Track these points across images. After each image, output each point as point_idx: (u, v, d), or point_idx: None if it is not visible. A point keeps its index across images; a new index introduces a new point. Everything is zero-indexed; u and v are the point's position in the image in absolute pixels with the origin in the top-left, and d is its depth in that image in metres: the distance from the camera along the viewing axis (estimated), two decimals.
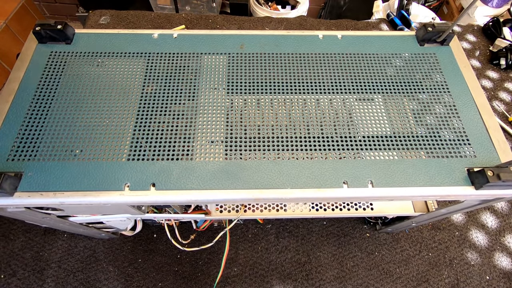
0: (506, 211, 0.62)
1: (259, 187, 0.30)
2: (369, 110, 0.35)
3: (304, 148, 0.32)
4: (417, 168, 0.31)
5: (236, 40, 0.40)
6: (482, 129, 0.34)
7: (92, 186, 0.28)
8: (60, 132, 0.32)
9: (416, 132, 0.34)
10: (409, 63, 0.39)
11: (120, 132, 0.32)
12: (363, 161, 0.32)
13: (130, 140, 0.32)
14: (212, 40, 0.40)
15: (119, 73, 0.37)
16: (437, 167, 0.31)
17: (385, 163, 0.31)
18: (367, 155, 0.32)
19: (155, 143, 0.32)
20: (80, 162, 0.30)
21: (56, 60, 0.37)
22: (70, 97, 0.35)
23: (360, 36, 0.41)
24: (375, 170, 0.31)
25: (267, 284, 0.53)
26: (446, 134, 0.34)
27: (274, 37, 0.40)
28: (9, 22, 1.25)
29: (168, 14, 0.89)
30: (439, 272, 0.55)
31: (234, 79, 0.37)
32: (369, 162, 0.32)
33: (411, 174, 0.31)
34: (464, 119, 0.35)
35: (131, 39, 0.39)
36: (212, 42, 0.40)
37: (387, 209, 0.46)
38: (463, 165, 0.31)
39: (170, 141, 0.32)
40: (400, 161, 0.32)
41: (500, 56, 0.82)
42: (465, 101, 0.36)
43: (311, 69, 0.38)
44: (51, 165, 0.30)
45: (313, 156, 0.32)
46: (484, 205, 0.35)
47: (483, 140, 0.33)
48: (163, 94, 0.35)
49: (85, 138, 0.32)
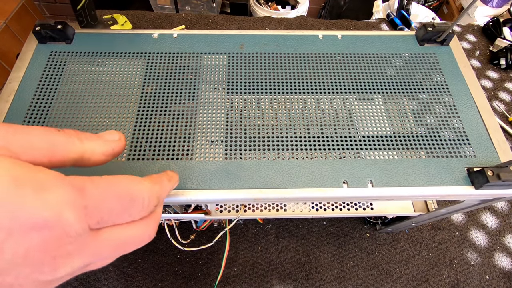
0: (506, 211, 0.62)
1: (259, 186, 0.30)
2: (369, 110, 0.35)
3: (304, 148, 0.32)
4: (417, 167, 0.31)
5: (236, 40, 0.40)
6: (482, 129, 0.34)
7: None
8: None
9: (416, 132, 0.34)
10: (409, 63, 0.39)
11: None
12: (363, 161, 0.32)
13: (129, 140, 0.32)
14: (212, 40, 0.40)
15: (119, 72, 0.37)
16: (437, 167, 0.31)
17: (385, 163, 0.31)
18: (367, 154, 0.32)
19: (155, 143, 0.32)
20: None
21: (56, 60, 0.37)
22: (70, 97, 0.35)
23: (360, 36, 0.41)
24: (375, 170, 0.31)
25: (267, 284, 0.53)
26: (446, 134, 0.34)
27: (274, 37, 0.40)
28: (9, 22, 1.25)
29: (168, 14, 0.89)
30: (439, 272, 0.55)
31: (234, 79, 0.37)
32: (369, 161, 0.32)
33: (411, 174, 0.31)
34: (464, 119, 0.35)
35: (131, 39, 0.39)
36: (212, 42, 0.40)
37: (387, 209, 0.46)
38: (463, 165, 0.31)
39: (170, 140, 0.32)
40: (400, 161, 0.32)
41: (500, 56, 0.82)
42: (465, 101, 0.36)
43: (311, 69, 0.38)
44: None
45: (313, 156, 0.32)
46: (484, 205, 0.35)
47: (483, 140, 0.33)
48: (163, 94, 0.35)
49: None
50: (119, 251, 0.18)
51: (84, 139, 0.19)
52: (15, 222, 0.13)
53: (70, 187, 0.15)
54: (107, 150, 0.20)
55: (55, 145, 0.18)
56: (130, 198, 0.18)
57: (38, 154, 0.17)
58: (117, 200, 0.17)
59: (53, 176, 0.15)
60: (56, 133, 0.18)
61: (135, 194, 0.18)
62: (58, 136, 0.18)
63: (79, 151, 0.19)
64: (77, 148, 0.19)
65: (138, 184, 0.19)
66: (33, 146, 0.17)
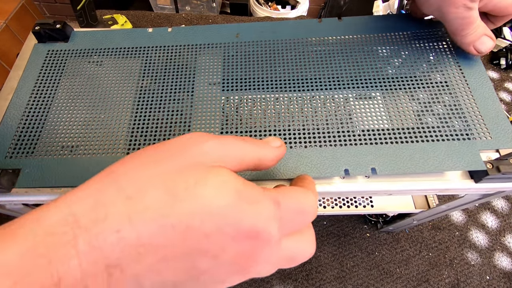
0: (506, 211, 0.62)
1: (258, 178, 0.29)
2: (370, 107, 0.35)
3: (302, 139, 0.31)
4: (426, 152, 0.29)
5: (231, 30, 0.39)
6: (498, 108, 0.31)
7: None
8: (58, 129, 0.32)
9: (426, 113, 0.32)
10: (415, 40, 0.37)
11: (118, 127, 0.32)
12: (366, 147, 0.30)
13: (128, 136, 0.32)
14: (207, 31, 0.39)
15: (115, 69, 0.37)
16: (448, 151, 0.29)
17: (390, 149, 0.29)
18: (369, 142, 0.30)
19: (153, 138, 0.32)
20: (77, 158, 0.30)
21: (54, 58, 0.37)
22: (67, 94, 0.35)
23: (361, 18, 0.40)
24: (378, 156, 0.29)
25: (267, 284, 0.53)
26: (458, 114, 0.31)
27: (271, 24, 0.39)
28: (9, 22, 1.25)
29: (168, 14, 0.89)
30: (439, 272, 0.55)
31: (230, 72, 0.36)
32: (372, 148, 0.30)
33: (417, 159, 0.29)
34: (478, 97, 0.32)
35: (127, 36, 0.39)
36: (208, 35, 0.39)
37: (387, 206, 0.46)
38: (477, 148, 0.29)
39: (170, 134, 0.32)
40: (405, 147, 0.30)
41: (500, 56, 0.82)
42: (479, 78, 0.33)
43: (311, 70, 0.37)
44: (48, 162, 0.30)
45: (312, 145, 0.31)
46: (485, 199, 0.35)
47: (499, 120, 0.30)
48: (160, 88, 0.35)
49: (82, 134, 0.32)
50: (290, 263, 0.20)
51: (260, 146, 0.21)
52: (238, 230, 0.16)
53: (271, 201, 0.17)
54: (276, 156, 0.22)
55: (245, 154, 0.20)
56: (305, 211, 0.20)
57: (235, 163, 0.19)
58: (296, 213, 0.19)
59: (258, 190, 0.18)
60: (244, 141, 0.20)
61: (307, 207, 0.20)
62: (245, 145, 0.20)
63: (258, 157, 0.20)
64: (257, 155, 0.20)
65: (309, 197, 0.20)
66: (232, 155, 0.19)
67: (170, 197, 0.15)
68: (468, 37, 0.32)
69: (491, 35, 0.32)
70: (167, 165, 0.17)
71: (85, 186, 0.17)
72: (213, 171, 0.17)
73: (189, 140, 0.19)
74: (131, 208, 0.15)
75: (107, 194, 0.16)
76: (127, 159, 0.18)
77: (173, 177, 0.16)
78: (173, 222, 0.15)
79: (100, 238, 0.14)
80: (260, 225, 0.16)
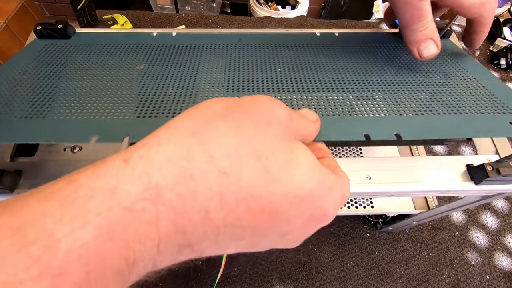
0: (507, 211, 0.62)
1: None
2: (371, 105, 0.35)
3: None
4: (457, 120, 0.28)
5: (234, 37, 0.40)
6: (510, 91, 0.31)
7: None
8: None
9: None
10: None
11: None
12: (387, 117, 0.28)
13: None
14: (210, 37, 0.40)
15: (116, 68, 0.36)
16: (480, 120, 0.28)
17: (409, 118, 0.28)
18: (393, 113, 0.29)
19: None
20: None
21: (53, 57, 0.37)
22: (67, 94, 0.35)
23: (358, 33, 0.41)
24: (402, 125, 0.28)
25: (267, 284, 0.53)
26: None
27: (272, 35, 0.40)
28: (9, 22, 1.25)
29: (168, 14, 0.89)
30: (439, 272, 0.55)
31: (232, 75, 0.36)
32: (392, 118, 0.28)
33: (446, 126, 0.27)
34: (488, 85, 0.32)
35: (130, 36, 0.39)
36: (211, 40, 0.39)
37: (387, 207, 0.46)
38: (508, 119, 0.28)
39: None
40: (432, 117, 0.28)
41: (500, 56, 0.82)
42: (482, 72, 0.34)
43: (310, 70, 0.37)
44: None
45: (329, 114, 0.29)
46: (485, 201, 0.35)
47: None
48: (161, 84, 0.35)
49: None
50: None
51: (307, 121, 0.21)
52: (314, 214, 0.17)
53: (339, 187, 0.19)
54: (317, 131, 0.22)
55: (306, 129, 0.20)
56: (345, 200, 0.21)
57: (300, 138, 0.19)
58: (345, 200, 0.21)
59: (330, 172, 0.19)
60: (299, 115, 0.20)
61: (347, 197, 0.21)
62: (302, 119, 0.20)
63: (307, 132, 0.21)
64: (307, 130, 0.21)
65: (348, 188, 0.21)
66: (296, 129, 0.19)
67: (264, 177, 0.15)
68: (416, 34, 0.30)
69: (437, 42, 0.31)
70: (253, 134, 0.16)
71: (165, 142, 0.14)
72: (299, 150, 0.17)
73: (265, 105, 0.17)
74: (225, 186, 0.14)
75: (196, 163, 0.14)
76: (206, 115, 0.16)
77: (263, 151, 0.15)
78: (263, 204, 0.14)
79: (186, 218, 0.13)
80: (331, 211, 0.18)
